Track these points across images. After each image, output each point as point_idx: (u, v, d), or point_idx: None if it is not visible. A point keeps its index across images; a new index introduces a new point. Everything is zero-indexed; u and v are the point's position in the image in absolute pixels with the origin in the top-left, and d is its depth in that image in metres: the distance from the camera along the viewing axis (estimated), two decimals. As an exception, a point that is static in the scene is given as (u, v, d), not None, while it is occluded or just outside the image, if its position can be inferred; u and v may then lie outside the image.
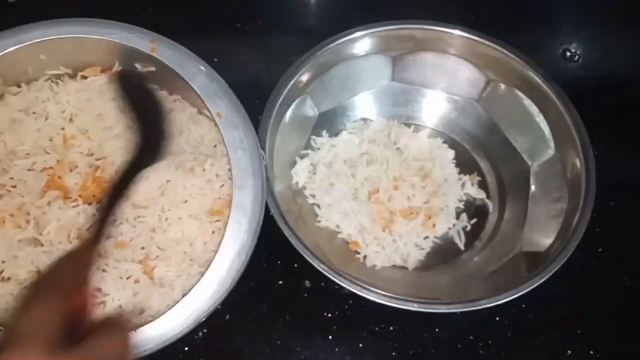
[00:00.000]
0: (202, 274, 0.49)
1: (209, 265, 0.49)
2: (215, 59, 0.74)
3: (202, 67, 0.56)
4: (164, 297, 0.50)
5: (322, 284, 0.60)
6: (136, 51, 0.55)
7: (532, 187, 0.65)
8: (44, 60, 0.56)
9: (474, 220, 0.66)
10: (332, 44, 0.65)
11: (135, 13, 0.77)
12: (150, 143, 0.51)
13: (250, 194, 0.52)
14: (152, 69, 0.57)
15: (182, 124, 0.58)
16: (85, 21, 0.56)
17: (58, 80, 0.58)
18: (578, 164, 0.60)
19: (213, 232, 0.54)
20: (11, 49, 0.53)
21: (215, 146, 0.59)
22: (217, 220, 0.54)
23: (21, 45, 0.54)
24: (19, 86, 0.57)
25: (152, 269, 0.52)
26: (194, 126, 0.58)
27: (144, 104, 0.52)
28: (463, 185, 0.67)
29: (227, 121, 0.55)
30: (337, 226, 0.63)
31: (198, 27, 0.77)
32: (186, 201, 0.54)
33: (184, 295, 0.48)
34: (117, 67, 0.58)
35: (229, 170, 0.54)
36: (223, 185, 0.56)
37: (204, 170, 0.56)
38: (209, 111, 0.55)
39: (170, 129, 0.51)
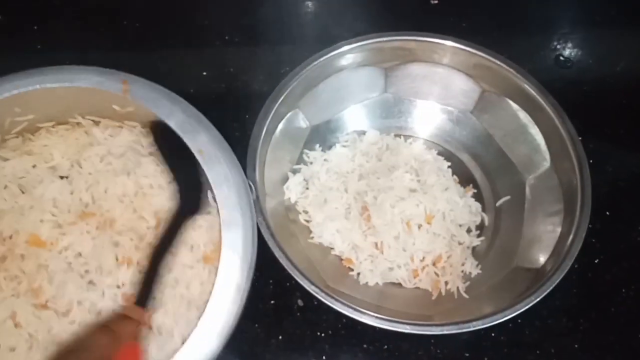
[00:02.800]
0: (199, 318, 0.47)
1: (204, 311, 0.48)
2: (204, 72, 0.74)
3: (177, 103, 0.54)
4: (163, 346, 0.49)
5: (315, 303, 0.60)
6: (110, 94, 0.54)
7: (528, 201, 0.64)
8: (18, 112, 0.55)
9: (471, 234, 0.65)
10: (324, 57, 0.64)
11: (122, 27, 0.76)
12: (190, 195, 0.52)
13: (239, 232, 0.50)
14: (131, 109, 0.56)
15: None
16: (56, 70, 0.55)
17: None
18: (574, 177, 0.59)
19: (209, 271, 0.53)
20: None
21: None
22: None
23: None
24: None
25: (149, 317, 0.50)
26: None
27: (180, 155, 0.52)
28: (460, 197, 0.66)
29: (209, 157, 0.52)
30: (330, 243, 0.63)
31: (186, 40, 0.77)
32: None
33: (183, 342, 0.47)
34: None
35: (217, 211, 0.51)
36: (213, 226, 0.54)
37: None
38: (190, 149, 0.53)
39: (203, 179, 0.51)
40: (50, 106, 0.56)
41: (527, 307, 0.52)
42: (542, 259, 0.58)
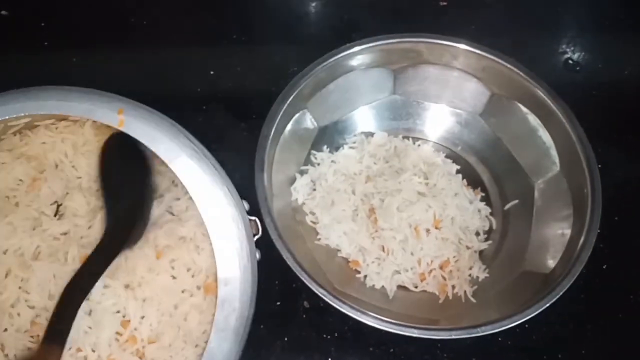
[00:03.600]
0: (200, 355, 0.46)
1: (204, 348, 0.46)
2: (212, 72, 0.73)
3: (179, 141, 0.49)
4: None
5: (321, 305, 0.59)
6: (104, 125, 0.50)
7: (537, 205, 0.63)
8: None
9: (479, 238, 0.64)
10: (333, 58, 0.63)
11: (130, 24, 0.76)
12: (123, 227, 0.50)
13: (235, 264, 0.47)
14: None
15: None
16: (42, 90, 0.50)
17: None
18: (583, 182, 0.58)
19: (209, 302, 0.51)
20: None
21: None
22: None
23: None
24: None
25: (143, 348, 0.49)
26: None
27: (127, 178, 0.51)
28: (470, 202, 0.65)
29: (209, 199, 0.48)
30: (337, 245, 0.62)
31: (194, 40, 0.76)
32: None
33: None
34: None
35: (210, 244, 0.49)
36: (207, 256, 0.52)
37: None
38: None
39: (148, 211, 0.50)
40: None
41: (537, 312, 0.52)
42: (551, 263, 0.57)
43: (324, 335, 0.59)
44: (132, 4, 0.79)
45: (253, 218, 0.52)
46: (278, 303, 0.60)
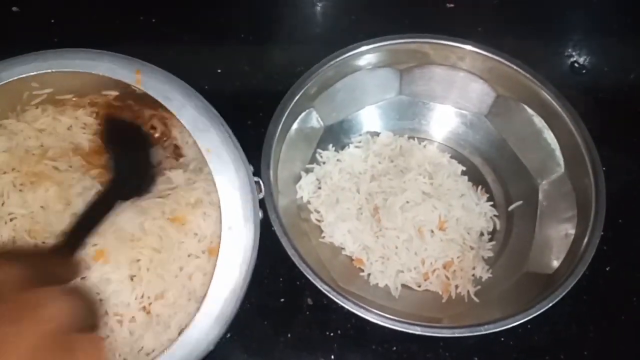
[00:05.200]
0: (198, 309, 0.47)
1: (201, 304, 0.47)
2: (219, 70, 0.74)
3: (190, 98, 0.53)
4: (159, 336, 0.49)
5: (325, 302, 0.60)
6: (120, 82, 0.53)
7: (541, 206, 0.64)
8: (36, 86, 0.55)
9: (482, 238, 0.65)
10: (340, 57, 0.64)
11: (139, 22, 0.77)
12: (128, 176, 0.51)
13: (242, 233, 0.49)
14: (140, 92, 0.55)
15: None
16: (67, 51, 0.54)
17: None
18: (588, 184, 0.59)
19: (213, 264, 0.51)
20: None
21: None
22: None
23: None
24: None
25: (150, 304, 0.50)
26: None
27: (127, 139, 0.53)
28: (476, 204, 0.65)
29: (217, 157, 0.51)
30: (341, 243, 0.63)
31: (202, 38, 0.77)
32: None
33: (180, 334, 0.47)
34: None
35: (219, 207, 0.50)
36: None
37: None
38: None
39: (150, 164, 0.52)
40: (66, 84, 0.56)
41: (539, 312, 0.52)
42: (554, 264, 0.58)
43: (327, 333, 0.59)
44: (141, 2, 0.79)
45: (257, 179, 0.53)
46: (282, 300, 0.60)
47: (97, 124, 0.57)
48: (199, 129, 0.52)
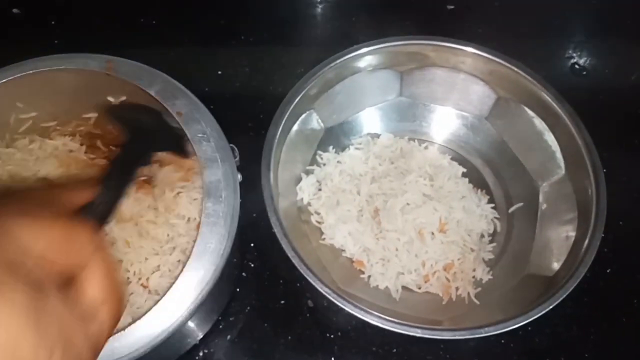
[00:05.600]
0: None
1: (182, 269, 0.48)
2: (219, 72, 0.74)
3: (157, 76, 0.56)
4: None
5: (325, 304, 0.60)
6: (93, 72, 0.56)
7: (541, 208, 0.64)
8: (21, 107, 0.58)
9: (483, 240, 0.65)
10: (341, 59, 0.64)
11: (139, 24, 0.77)
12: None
13: (220, 181, 0.50)
14: (124, 97, 0.58)
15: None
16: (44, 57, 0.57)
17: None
18: (589, 186, 0.58)
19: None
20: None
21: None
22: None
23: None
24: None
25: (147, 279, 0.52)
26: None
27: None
28: (477, 206, 0.65)
29: (188, 118, 0.53)
30: (342, 245, 0.63)
31: (203, 40, 0.77)
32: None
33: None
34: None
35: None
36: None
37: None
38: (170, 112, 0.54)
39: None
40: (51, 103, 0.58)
41: (540, 314, 0.52)
42: (555, 266, 0.57)
43: (328, 335, 0.59)
44: (141, 4, 0.79)
45: (231, 145, 0.54)
46: (282, 301, 0.60)
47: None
48: (167, 98, 0.54)
